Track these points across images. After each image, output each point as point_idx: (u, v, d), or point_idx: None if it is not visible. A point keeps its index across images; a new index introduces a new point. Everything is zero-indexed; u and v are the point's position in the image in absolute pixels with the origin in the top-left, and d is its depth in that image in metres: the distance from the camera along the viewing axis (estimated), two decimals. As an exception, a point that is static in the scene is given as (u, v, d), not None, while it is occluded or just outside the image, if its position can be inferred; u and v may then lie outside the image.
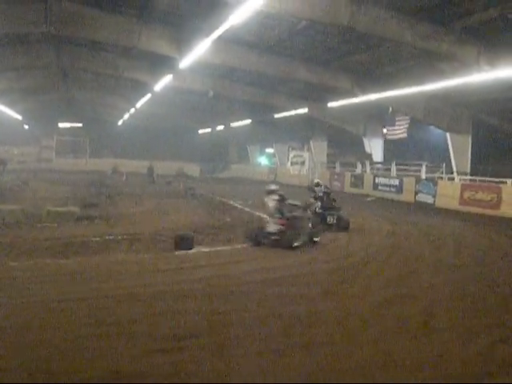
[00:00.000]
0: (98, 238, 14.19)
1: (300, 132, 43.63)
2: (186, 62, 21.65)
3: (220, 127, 48.86)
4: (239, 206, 24.50)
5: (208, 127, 52.33)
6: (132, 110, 45.85)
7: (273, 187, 15.03)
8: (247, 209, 23.29)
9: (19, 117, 50.66)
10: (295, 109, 32.84)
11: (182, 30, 21.61)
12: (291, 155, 45.81)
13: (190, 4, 19.12)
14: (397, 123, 32.80)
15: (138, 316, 7.50)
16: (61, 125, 59.32)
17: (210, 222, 18.48)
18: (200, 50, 19.36)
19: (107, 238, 14.35)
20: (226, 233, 16.07)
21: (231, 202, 26.25)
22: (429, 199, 26.85)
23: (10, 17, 20.77)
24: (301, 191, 35.65)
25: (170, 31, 22.13)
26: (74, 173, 48.16)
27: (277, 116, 35.93)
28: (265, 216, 18.80)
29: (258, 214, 20.97)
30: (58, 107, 53.35)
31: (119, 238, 14.41)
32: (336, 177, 38.15)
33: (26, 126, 57.32)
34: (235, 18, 14.25)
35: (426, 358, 6.25)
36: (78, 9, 21.22)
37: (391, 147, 36.68)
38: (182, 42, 21.44)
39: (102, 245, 13.34)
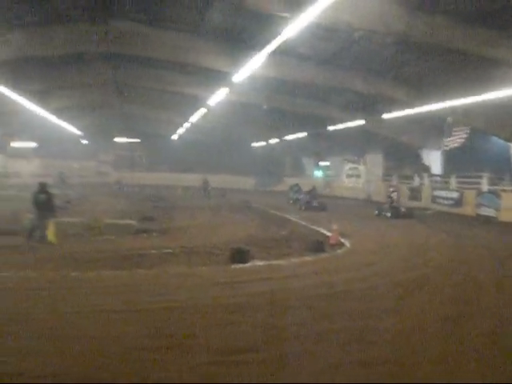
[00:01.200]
0: (155, 251, 14.34)
1: (355, 144, 43.16)
2: (239, 76, 21.67)
3: (274, 140, 48.81)
4: (294, 219, 24.28)
5: (262, 140, 52.34)
6: (187, 125, 46.27)
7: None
8: (303, 222, 23.03)
9: (79, 132, 51.85)
10: (350, 121, 32.47)
11: (236, 45, 21.75)
12: (346, 168, 45.33)
13: (243, 19, 19.18)
14: (453, 133, 32.03)
15: (194, 328, 7.55)
16: (118, 140, 60.43)
17: (265, 236, 18.40)
18: (254, 64, 19.33)
19: (164, 250, 14.46)
20: (282, 246, 15.95)
21: (286, 216, 26.02)
22: (491, 212, 25.75)
23: (72, 37, 21.36)
24: (355, 204, 35.66)
25: (223, 46, 22.30)
26: (131, 186, 48.90)
27: (331, 128, 35.61)
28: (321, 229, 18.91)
29: (313, 227, 20.83)
30: (115, 123, 54.48)
31: (176, 250, 14.50)
32: (392, 190, 37.43)
33: (85, 141, 58.58)
34: (289, 32, 14.15)
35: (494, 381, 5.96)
36: (135, 28, 21.68)
37: (451, 159, 35.79)
38: (236, 57, 21.45)
39: (160, 257, 13.48)
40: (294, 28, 13.84)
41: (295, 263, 13.41)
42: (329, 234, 17.76)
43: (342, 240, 17.09)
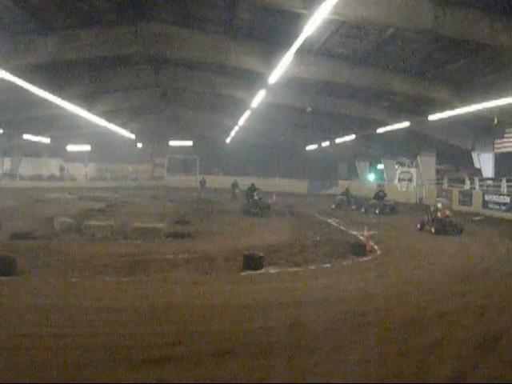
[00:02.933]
0: (171, 256, 14.09)
1: (407, 147, 42.08)
2: (274, 77, 21.27)
3: (326, 143, 48.11)
4: (335, 224, 23.70)
5: (315, 143, 51.72)
6: (236, 128, 46.17)
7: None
8: (343, 227, 22.42)
9: (132, 136, 52.58)
10: (396, 123, 31.52)
11: (269, 45, 21.39)
12: (398, 171, 44.23)
13: (272, 18, 18.77)
14: (506, 135, 30.67)
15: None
16: (172, 143, 60.99)
17: (296, 241, 17.91)
18: (284, 63, 18.87)
19: (181, 256, 14.18)
20: (308, 252, 15.41)
21: (328, 220, 25.45)
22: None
23: (104, 40, 21.53)
24: (407, 209, 34.65)
25: (256, 46, 21.96)
26: (183, 190, 49.24)
27: (379, 131, 34.70)
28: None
29: (353, 232, 20.23)
30: (167, 126, 55.05)
31: (193, 256, 14.21)
32: (444, 194, 36.23)
33: (140, 145, 59.40)
34: (309, 29, 13.67)
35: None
36: (166, 29, 21.66)
37: (503, 161, 34.34)
38: (270, 57, 21.11)
39: (171, 263, 13.19)
40: (313, 24, 13.30)
41: (310, 270, 12.86)
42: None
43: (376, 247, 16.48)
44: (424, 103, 27.79)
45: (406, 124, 30.77)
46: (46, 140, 49.35)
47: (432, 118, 26.97)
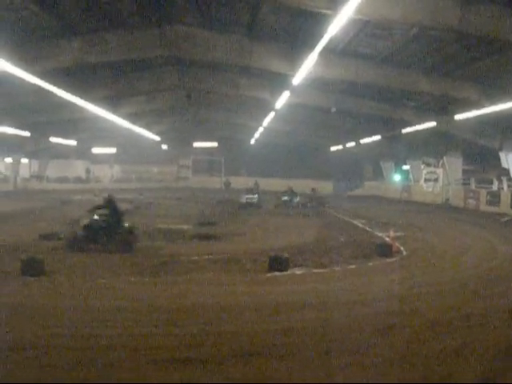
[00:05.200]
0: (196, 257, 14.12)
1: (433, 147, 41.63)
2: (298, 77, 21.18)
3: (351, 144, 47.85)
4: (361, 226, 23.56)
5: (339, 144, 51.45)
6: (261, 129, 46.11)
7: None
8: (368, 228, 22.28)
9: (157, 138, 52.86)
10: (422, 123, 31.15)
11: (293, 46, 21.31)
12: (424, 172, 43.85)
13: (296, 18, 18.69)
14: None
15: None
16: (196, 144, 61.19)
17: (321, 242, 17.85)
18: (308, 64, 18.78)
19: (206, 257, 14.21)
20: (334, 253, 15.33)
21: (354, 221, 25.32)
22: None
23: (128, 43, 21.67)
24: (430, 209, 34.35)
25: (280, 47, 21.88)
26: (208, 191, 49.38)
27: (405, 131, 34.37)
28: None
29: (379, 234, 20.09)
30: (192, 128, 55.13)
31: (218, 257, 14.23)
32: (471, 194, 35.82)
33: (164, 147, 59.71)
34: (334, 29, 13.59)
35: None
36: (190, 31, 21.68)
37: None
38: (294, 58, 21.01)
39: (197, 264, 13.25)
40: (337, 25, 13.23)
41: (335, 271, 12.81)
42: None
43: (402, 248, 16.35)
44: (450, 103, 27.41)
45: (431, 124, 30.43)
46: (73, 142, 49.83)
47: (458, 117, 26.62)
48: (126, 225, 15.96)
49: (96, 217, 15.71)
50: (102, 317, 8.45)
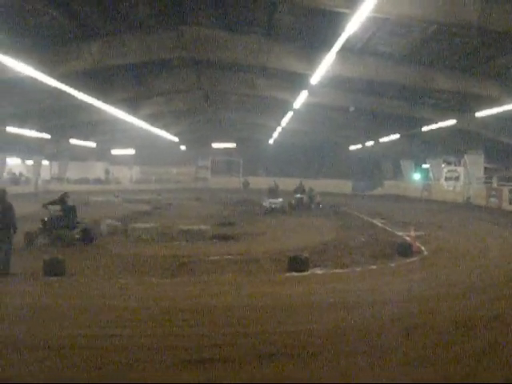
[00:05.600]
0: (217, 257, 14.14)
1: (453, 145, 41.24)
2: (316, 77, 21.08)
3: (370, 143, 47.62)
4: (380, 225, 23.43)
5: (358, 143, 51.25)
6: (279, 129, 46.04)
7: None
8: (388, 228, 22.14)
9: (175, 139, 53.04)
10: (442, 120, 30.81)
11: (310, 45, 21.20)
12: (445, 170, 43.44)
13: (313, 18, 18.60)
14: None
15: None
16: (215, 145, 61.36)
17: (341, 241, 17.76)
18: (326, 63, 18.70)
19: (225, 257, 14.21)
20: (354, 253, 15.25)
21: (374, 221, 25.19)
22: None
23: (147, 45, 21.76)
24: (451, 208, 34.05)
25: (298, 47, 21.76)
26: (227, 191, 49.43)
27: (424, 129, 34.08)
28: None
29: (399, 233, 19.96)
30: (210, 128, 55.31)
31: (238, 257, 14.25)
32: (493, 193, 35.36)
33: (183, 147, 59.91)
34: (352, 28, 13.49)
35: None
36: (208, 32, 21.69)
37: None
38: (312, 58, 20.92)
39: (217, 264, 13.25)
40: (355, 23, 13.14)
41: (355, 272, 12.74)
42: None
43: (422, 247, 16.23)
44: (471, 100, 27.07)
45: (452, 122, 30.13)
46: (92, 144, 50.22)
47: (479, 114, 26.29)
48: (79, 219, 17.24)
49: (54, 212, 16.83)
50: (122, 317, 8.50)
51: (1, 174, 47.65)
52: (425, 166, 49.99)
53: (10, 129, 34.70)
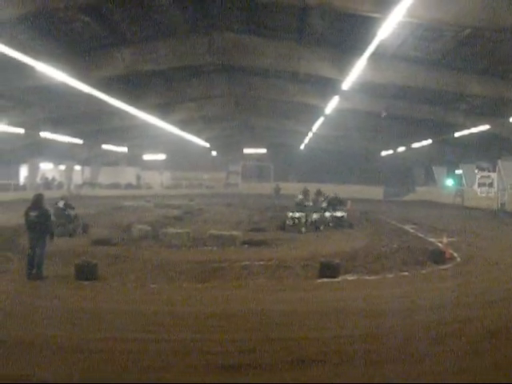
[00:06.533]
0: (248, 263, 14.09)
1: (487, 151, 40.66)
2: (347, 82, 21.06)
3: (401, 148, 47.27)
4: (412, 231, 23.18)
5: (390, 149, 50.90)
6: (310, 134, 45.93)
7: None
8: (420, 234, 21.89)
9: (207, 144, 53.28)
10: (475, 126, 30.47)
11: (342, 51, 21.18)
12: (478, 176, 42.81)
13: (345, 23, 18.57)
14: None
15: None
16: (246, 151, 61.48)
17: (372, 248, 17.58)
18: (358, 69, 18.66)
19: (257, 263, 14.16)
20: (385, 260, 15.08)
21: (405, 227, 24.93)
22: None
23: (179, 51, 21.99)
24: (484, 215, 33.56)
25: (329, 52, 21.78)
26: (258, 197, 49.40)
27: (457, 134, 33.70)
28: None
29: (431, 239, 19.73)
30: (241, 134, 55.50)
31: (269, 263, 14.16)
32: (528, 199, 34.74)
33: (214, 153, 60.15)
34: (383, 33, 13.44)
35: None
36: (239, 38, 21.89)
37: None
38: (343, 63, 20.91)
39: (248, 270, 13.21)
40: (387, 28, 13.09)
41: (388, 279, 12.61)
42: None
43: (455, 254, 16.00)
44: (505, 105, 26.65)
45: (485, 127, 29.76)
46: (124, 149, 50.71)
47: (514, 120, 26.04)
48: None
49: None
50: (153, 321, 8.58)
51: (34, 178, 48.34)
52: (457, 171, 49.37)
53: (44, 134, 35.24)
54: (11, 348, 7.19)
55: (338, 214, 23.78)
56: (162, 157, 59.17)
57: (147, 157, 59.46)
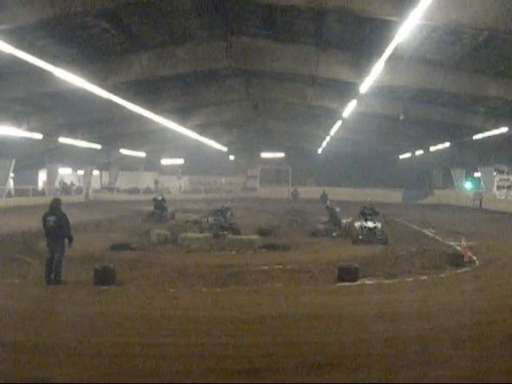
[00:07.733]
0: (266, 267, 14.12)
1: (505, 153, 40.35)
2: (365, 86, 21.02)
3: (420, 152, 47.03)
4: (430, 235, 23.06)
5: (408, 152, 50.68)
6: (328, 138, 45.84)
7: None
8: (439, 237, 21.77)
9: (224, 148, 53.40)
10: (494, 128, 30.25)
11: (359, 54, 21.14)
12: (497, 179, 42.52)
13: (362, 26, 18.54)
14: None
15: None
16: (263, 155, 61.51)
17: (391, 251, 17.51)
18: (376, 72, 18.63)
19: (275, 267, 14.18)
20: (404, 264, 15.02)
21: (424, 230, 24.80)
22: None
23: (196, 56, 22.13)
24: (503, 218, 33.22)
25: (347, 56, 21.72)
26: (276, 201, 49.40)
27: (476, 137, 33.47)
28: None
29: (450, 243, 19.60)
30: (259, 138, 55.49)
31: (287, 267, 14.19)
32: (548, 201, 34.44)
33: (232, 157, 60.28)
34: (400, 36, 13.41)
35: None
36: (256, 42, 21.95)
37: None
38: (361, 66, 20.86)
39: (267, 274, 13.23)
40: (404, 31, 13.06)
41: (406, 282, 12.53)
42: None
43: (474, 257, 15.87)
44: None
45: (504, 129, 29.54)
46: (142, 154, 50.96)
47: (534, 123, 25.83)
48: None
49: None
50: (171, 326, 8.63)
51: (53, 183, 48.78)
52: (476, 174, 49.05)
53: (62, 139, 35.53)
54: (30, 351, 7.27)
55: (370, 224, 20.31)
56: (179, 161, 59.41)
57: (165, 161, 59.75)
